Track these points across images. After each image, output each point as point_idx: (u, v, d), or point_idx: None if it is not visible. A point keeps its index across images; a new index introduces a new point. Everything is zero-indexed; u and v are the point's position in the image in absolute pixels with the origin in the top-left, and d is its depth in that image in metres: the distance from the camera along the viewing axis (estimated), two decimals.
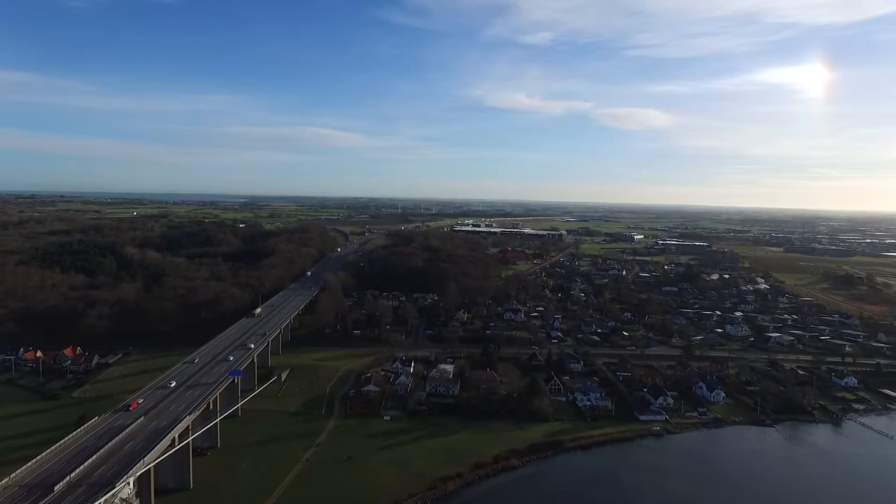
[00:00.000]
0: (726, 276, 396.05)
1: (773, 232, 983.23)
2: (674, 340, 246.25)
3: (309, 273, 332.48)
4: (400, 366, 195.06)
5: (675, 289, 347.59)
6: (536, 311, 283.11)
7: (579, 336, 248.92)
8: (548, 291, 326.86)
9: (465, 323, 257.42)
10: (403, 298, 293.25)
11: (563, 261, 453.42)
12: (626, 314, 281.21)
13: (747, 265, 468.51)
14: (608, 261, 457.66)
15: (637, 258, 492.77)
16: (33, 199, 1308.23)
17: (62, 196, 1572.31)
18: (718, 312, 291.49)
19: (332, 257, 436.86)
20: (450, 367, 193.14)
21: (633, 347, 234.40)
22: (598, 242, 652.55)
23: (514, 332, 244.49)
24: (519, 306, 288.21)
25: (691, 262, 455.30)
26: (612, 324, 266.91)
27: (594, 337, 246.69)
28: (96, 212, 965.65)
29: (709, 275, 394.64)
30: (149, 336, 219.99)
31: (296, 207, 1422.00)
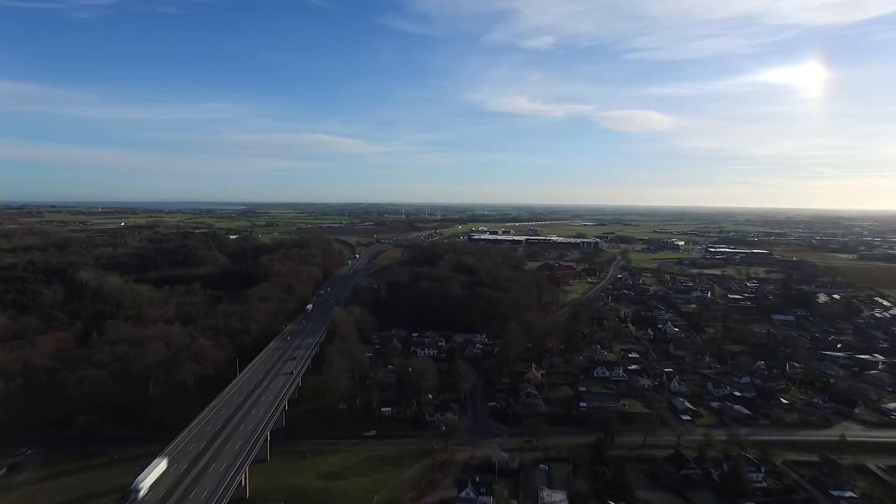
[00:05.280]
0: (836, 296, 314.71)
1: (817, 235, 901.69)
2: (857, 411, 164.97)
3: (311, 307, 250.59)
4: (472, 492, 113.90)
5: (791, 318, 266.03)
6: (631, 361, 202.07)
7: (714, 405, 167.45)
8: (631, 326, 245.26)
9: (541, 386, 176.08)
10: (443, 343, 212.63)
11: (623, 278, 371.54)
12: (759, 363, 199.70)
13: (839, 279, 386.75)
14: (679, 278, 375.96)
15: (703, 272, 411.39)
16: (20, 210, 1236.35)
17: (53, 206, 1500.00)
18: (881, 357, 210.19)
19: (339, 277, 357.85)
20: (560, 498, 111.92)
21: (808, 427, 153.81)
22: (641, 252, 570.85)
23: (621, 404, 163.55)
24: (604, 352, 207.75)
25: (776, 277, 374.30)
26: (746, 380, 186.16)
27: (739, 407, 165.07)
28: (81, 223, 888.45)
29: (813, 295, 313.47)
30: (64, 427, 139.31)
31: (295, 215, 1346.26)
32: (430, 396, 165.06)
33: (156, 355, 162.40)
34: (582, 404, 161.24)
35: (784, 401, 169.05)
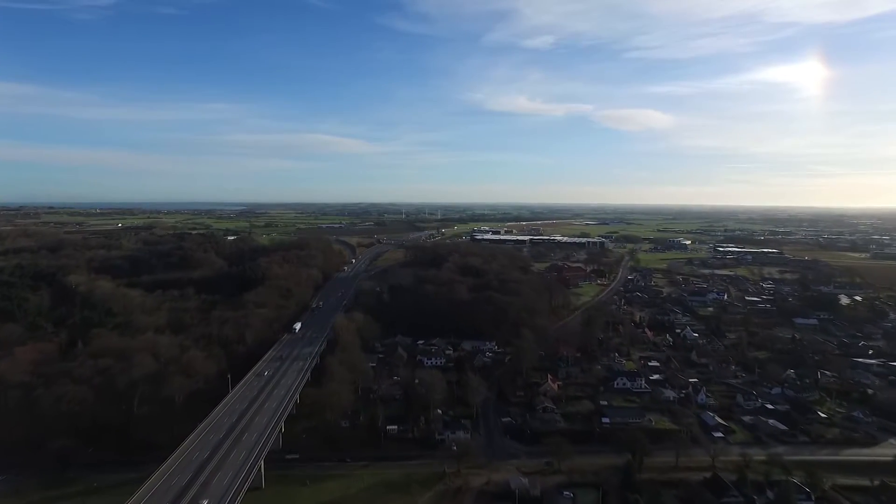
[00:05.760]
0: (857, 298, 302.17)
1: (823, 233, 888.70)
2: None
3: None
4: None
5: (814, 321, 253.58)
6: (652, 370, 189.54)
7: (746, 419, 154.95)
8: (647, 331, 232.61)
9: (558, 399, 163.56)
10: (451, 351, 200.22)
11: (634, 280, 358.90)
12: (788, 371, 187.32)
13: (857, 279, 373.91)
14: (691, 279, 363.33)
15: (715, 273, 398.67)
16: (18, 212, 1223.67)
17: (51, 207, 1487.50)
18: None
19: (340, 279, 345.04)
20: None
21: (852, 444, 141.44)
22: (648, 252, 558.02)
23: (646, 419, 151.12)
24: (623, 361, 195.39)
25: (791, 278, 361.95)
26: (777, 391, 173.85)
27: (773, 422, 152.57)
28: (78, 224, 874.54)
29: (834, 296, 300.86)
30: (39, 450, 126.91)
31: (295, 215, 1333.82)
32: (440, 412, 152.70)
33: (142, 369, 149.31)
34: (604, 420, 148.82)
35: (822, 414, 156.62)
